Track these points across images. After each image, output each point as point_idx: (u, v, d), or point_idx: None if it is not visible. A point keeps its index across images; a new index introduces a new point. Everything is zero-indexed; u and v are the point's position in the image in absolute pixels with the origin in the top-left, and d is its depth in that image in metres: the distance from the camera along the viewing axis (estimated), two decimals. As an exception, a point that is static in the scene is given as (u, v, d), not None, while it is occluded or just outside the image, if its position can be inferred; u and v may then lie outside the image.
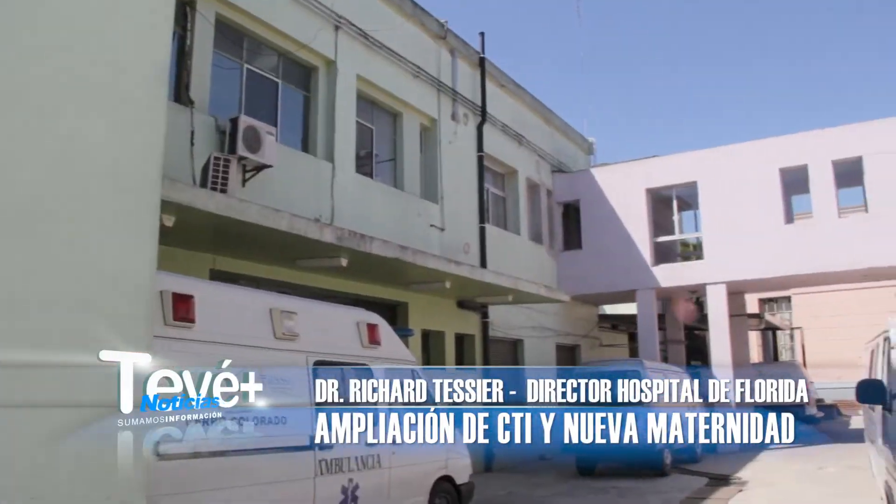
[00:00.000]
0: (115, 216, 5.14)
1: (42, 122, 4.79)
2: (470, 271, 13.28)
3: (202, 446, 5.92)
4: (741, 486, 13.42)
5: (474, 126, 17.70)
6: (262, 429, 6.46)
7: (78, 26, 5.06)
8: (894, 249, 17.94)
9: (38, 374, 4.64)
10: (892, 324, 7.30)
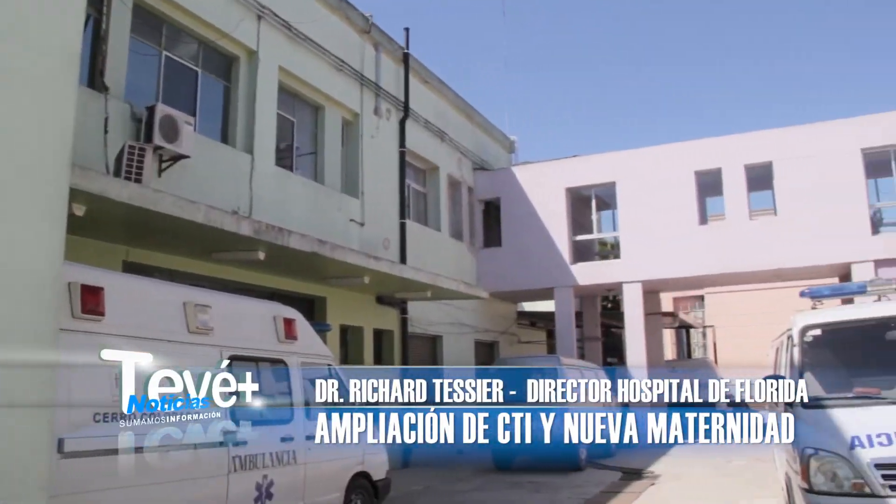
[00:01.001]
0: (18, 204, 4.95)
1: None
2: (389, 267, 13.23)
3: (108, 443, 5.75)
4: (653, 480, 13.71)
5: (397, 121, 17.65)
6: (174, 425, 6.31)
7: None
8: (801, 251, 18.64)
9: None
10: (794, 322, 7.57)
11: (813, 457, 6.27)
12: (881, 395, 6.60)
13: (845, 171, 18.51)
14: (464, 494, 12.57)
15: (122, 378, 5.89)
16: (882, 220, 20.02)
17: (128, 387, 5.94)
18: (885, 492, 5.90)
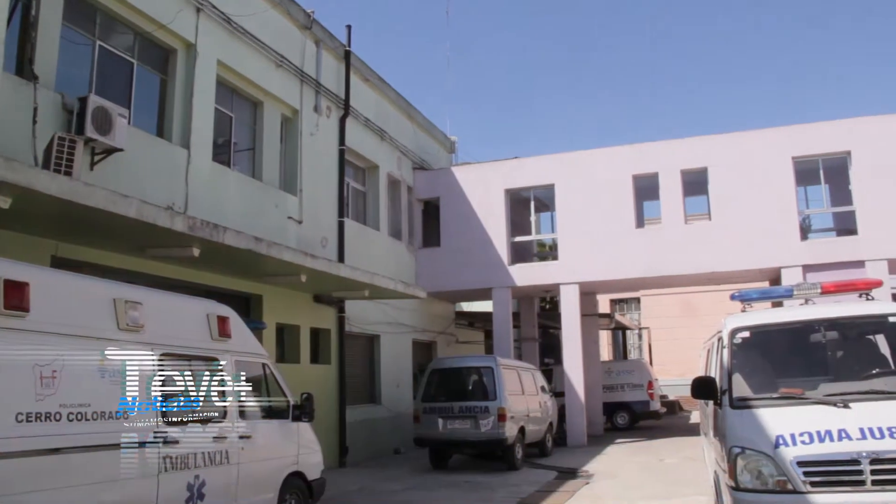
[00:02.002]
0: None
1: None
2: (326, 265, 13.11)
3: (32, 444, 5.59)
4: (588, 479, 13.89)
5: (337, 119, 17.54)
6: (100, 424, 6.17)
7: None
8: (734, 256, 19.09)
9: None
10: (724, 325, 7.76)
11: (739, 455, 6.43)
12: (805, 395, 6.79)
13: (777, 178, 19.03)
14: (399, 494, 12.56)
15: (48, 376, 5.75)
16: (811, 227, 20.64)
17: (54, 385, 5.80)
18: (805, 488, 6.08)
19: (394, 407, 18.78)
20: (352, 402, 17.00)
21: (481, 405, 15.16)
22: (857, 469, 6.00)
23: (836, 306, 8.06)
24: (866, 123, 19.00)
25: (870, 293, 8.10)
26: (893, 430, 6.09)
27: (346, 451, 16.28)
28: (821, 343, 7.51)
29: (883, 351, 7.70)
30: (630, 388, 24.96)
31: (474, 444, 15.45)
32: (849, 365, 7.43)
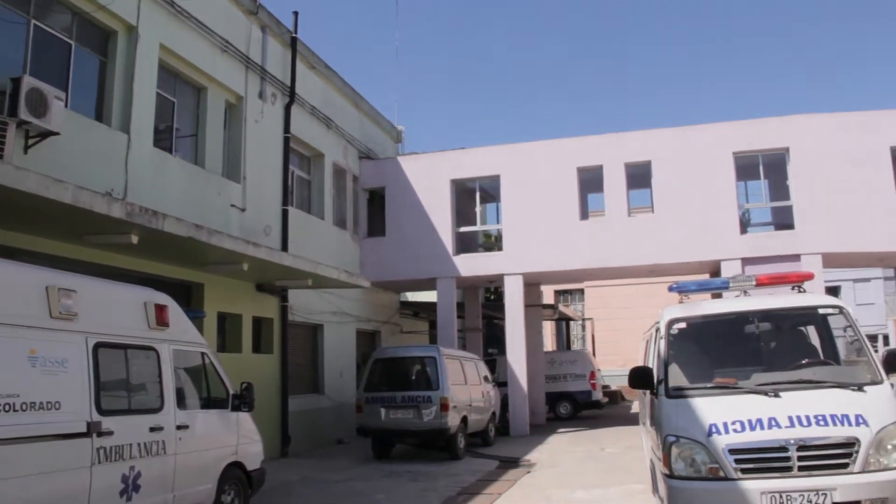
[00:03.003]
0: None
1: None
2: (268, 254, 12.96)
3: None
4: (529, 468, 14.03)
5: (282, 106, 17.35)
6: (30, 415, 6.02)
7: None
8: (675, 248, 19.43)
9: None
10: (662, 316, 7.89)
11: (674, 444, 6.56)
12: (738, 384, 6.96)
13: (718, 172, 19.41)
14: (341, 484, 12.52)
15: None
16: (750, 221, 21.08)
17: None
18: (736, 475, 6.25)
19: (337, 396, 18.72)
20: (294, 392, 16.89)
21: (424, 395, 15.19)
22: (786, 456, 6.19)
23: (769, 298, 8.27)
24: (804, 121, 19.49)
25: (802, 286, 8.32)
26: (820, 418, 6.29)
27: (288, 441, 16.18)
28: (754, 334, 7.71)
29: (813, 341, 7.95)
30: (573, 378, 25.24)
31: (417, 433, 15.48)
32: (780, 355, 7.63)
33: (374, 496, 11.33)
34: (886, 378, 6.86)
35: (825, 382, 6.85)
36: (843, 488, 6.05)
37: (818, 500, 6.05)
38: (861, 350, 7.19)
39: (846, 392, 6.63)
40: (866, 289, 48.43)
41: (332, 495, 11.49)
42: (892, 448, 6.22)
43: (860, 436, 6.19)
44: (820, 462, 6.17)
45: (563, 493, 11.15)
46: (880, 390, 6.70)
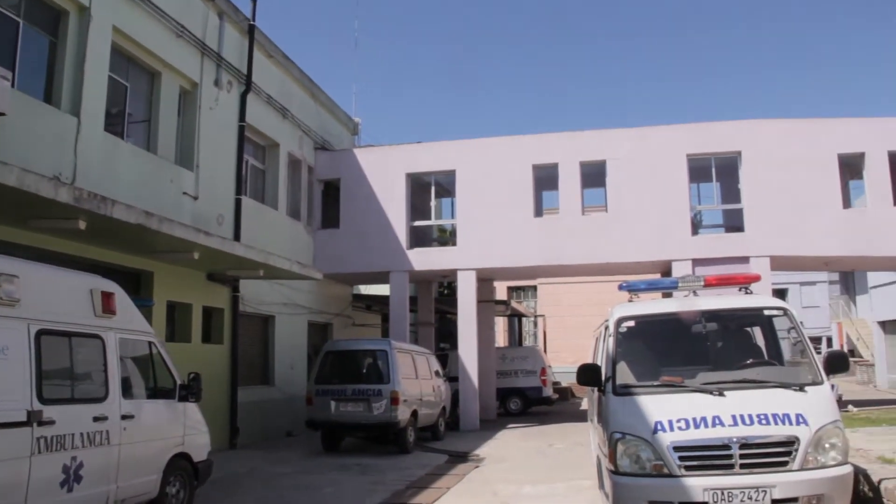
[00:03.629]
0: None
1: None
2: (220, 243, 12.78)
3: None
4: (478, 463, 14.07)
5: (238, 94, 17.14)
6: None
7: None
8: (628, 247, 19.65)
9: None
10: (611, 314, 7.97)
11: (620, 440, 6.64)
12: (684, 383, 7.06)
13: (672, 174, 19.66)
14: (289, 477, 12.44)
15: None
16: (701, 223, 21.38)
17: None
18: (680, 472, 6.35)
19: (287, 389, 18.58)
20: (244, 383, 16.74)
21: (374, 388, 15.15)
22: (728, 454, 6.31)
23: (716, 299, 8.40)
24: (756, 126, 19.83)
25: (749, 287, 8.45)
26: (762, 418, 6.42)
27: (236, 432, 16.04)
28: (701, 333, 7.82)
29: (758, 342, 8.09)
30: (524, 374, 25.37)
31: (367, 427, 15.44)
32: (726, 355, 7.75)
33: (322, 489, 11.28)
34: (827, 379, 7.02)
35: (768, 382, 6.98)
36: (782, 485, 6.19)
37: (758, 497, 6.17)
38: (804, 351, 7.34)
39: (788, 392, 6.77)
40: (812, 292, 49.46)
41: (279, 488, 11.41)
42: (830, 447, 6.38)
43: (800, 435, 6.34)
44: (761, 460, 6.31)
45: (511, 487, 11.20)
46: (820, 391, 6.86)
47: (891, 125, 19.20)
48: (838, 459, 6.40)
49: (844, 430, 6.65)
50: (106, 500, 7.40)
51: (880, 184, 19.09)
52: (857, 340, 41.15)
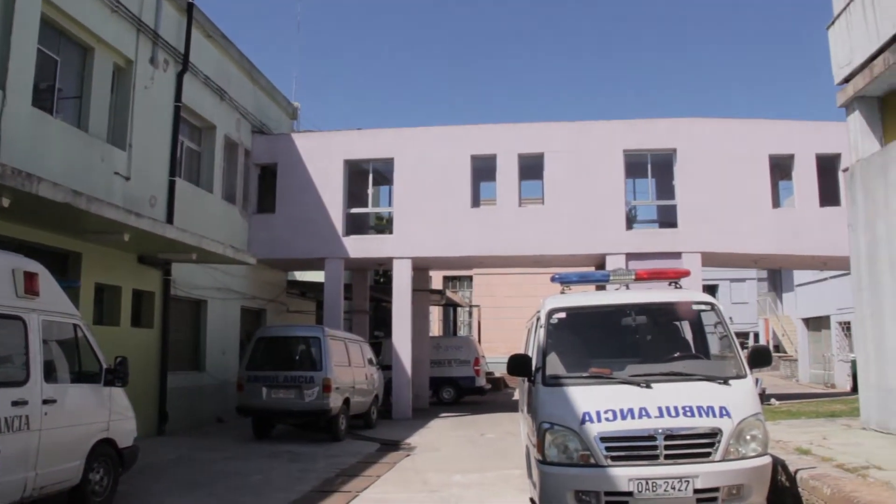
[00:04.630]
0: None
1: None
2: (151, 225, 12.50)
3: None
4: (409, 451, 14.11)
5: (174, 74, 16.77)
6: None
7: None
8: (563, 240, 19.89)
9: None
10: (543, 305, 8.05)
11: (548, 431, 6.72)
12: (612, 375, 7.17)
13: (608, 168, 19.95)
14: (218, 464, 12.28)
15: None
16: (636, 217, 21.75)
17: None
18: (606, 462, 6.46)
19: (219, 375, 18.33)
20: (174, 369, 16.45)
21: (306, 375, 15.05)
22: (653, 444, 6.44)
23: (646, 293, 8.55)
24: (692, 124, 20.23)
25: (678, 282, 8.63)
26: (687, 410, 6.56)
27: (165, 418, 15.77)
28: (630, 326, 7.95)
29: (685, 335, 8.26)
30: (457, 363, 25.50)
31: (298, 414, 15.35)
32: (654, 348, 7.90)
33: (250, 476, 11.18)
34: (750, 373, 7.20)
35: (694, 375, 7.13)
36: (705, 475, 6.35)
37: (681, 487, 6.31)
38: (729, 346, 7.52)
39: (713, 385, 6.94)
40: (742, 288, 50.78)
41: (206, 474, 11.26)
42: (751, 438, 6.58)
43: (723, 426, 6.50)
44: (685, 451, 6.45)
45: (442, 476, 11.26)
46: (744, 384, 7.04)
47: (819, 129, 19.76)
48: (758, 451, 6.60)
49: (765, 423, 6.85)
50: (23, 487, 7.18)
51: (808, 185, 19.66)
52: (782, 336, 42.42)
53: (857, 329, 12.21)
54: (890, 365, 10.90)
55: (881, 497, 6.44)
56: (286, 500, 9.55)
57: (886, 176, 10.97)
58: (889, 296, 10.93)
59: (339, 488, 10.38)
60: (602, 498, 6.43)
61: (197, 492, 10.00)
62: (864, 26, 11.56)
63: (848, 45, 12.18)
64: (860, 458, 8.54)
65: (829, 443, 9.93)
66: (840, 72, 12.50)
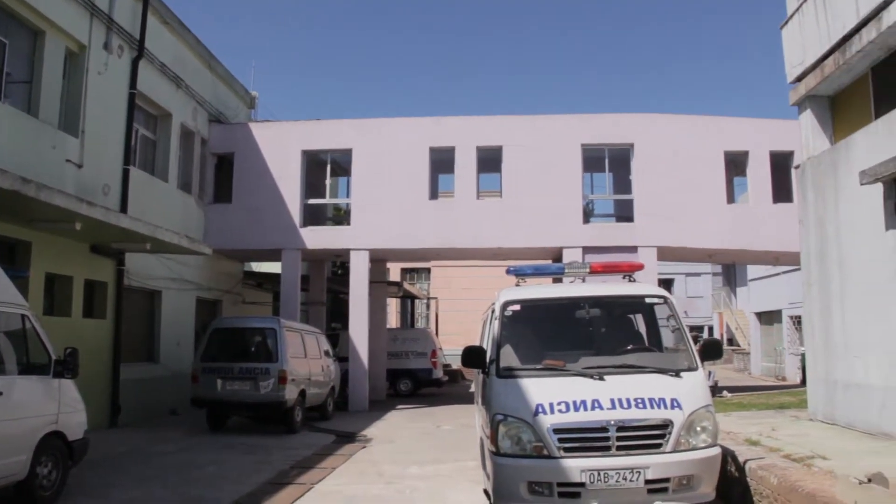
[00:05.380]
0: None
1: None
2: (104, 214, 12.29)
3: None
4: (365, 443, 14.10)
5: (129, 60, 16.46)
6: None
7: None
8: (521, 233, 19.98)
9: None
10: (497, 297, 8.08)
11: (501, 422, 6.75)
12: (566, 367, 7.21)
13: (566, 162, 20.08)
14: (170, 456, 12.15)
15: None
16: (593, 212, 21.92)
17: None
18: (559, 453, 6.51)
19: (173, 366, 18.11)
20: (127, 360, 16.21)
21: (262, 367, 14.93)
22: (605, 436, 6.50)
23: (600, 286, 8.63)
24: (650, 120, 20.44)
25: (632, 275, 8.71)
26: (639, 401, 6.64)
27: (118, 410, 15.54)
28: (584, 319, 7.98)
29: (639, 328, 8.34)
30: (414, 355, 25.52)
31: (253, 406, 15.22)
32: (608, 340, 7.95)
33: (204, 468, 11.07)
34: (701, 365, 7.30)
35: (646, 368, 7.21)
36: (655, 466, 6.44)
37: (633, 478, 6.39)
38: (681, 339, 7.61)
39: (665, 377, 7.03)
40: (697, 283, 51.48)
41: (158, 467, 11.11)
42: (701, 430, 6.68)
43: (674, 418, 6.59)
44: (636, 442, 6.53)
45: (397, 468, 11.27)
46: (695, 376, 7.14)
47: (773, 126, 20.10)
48: (708, 442, 6.71)
49: (715, 414, 6.96)
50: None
51: (761, 181, 19.99)
52: (735, 330, 43.08)
53: (807, 323, 12.45)
54: (837, 358, 11.15)
55: (824, 486, 6.59)
56: (240, 492, 9.47)
57: (836, 174, 11.19)
58: (837, 291, 11.17)
59: (293, 480, 10.34)
60: (555, 489, 6.48)
61: (148, 484, 9.87)
62: (816, 27, 11.77)
63: (800, 44, 12.41)
64: (806, 448, 8.72)
65: (778, 434, 10.12)
66: (793, 71, 12.73)
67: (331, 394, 18.27)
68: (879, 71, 11.07)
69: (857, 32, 10.64)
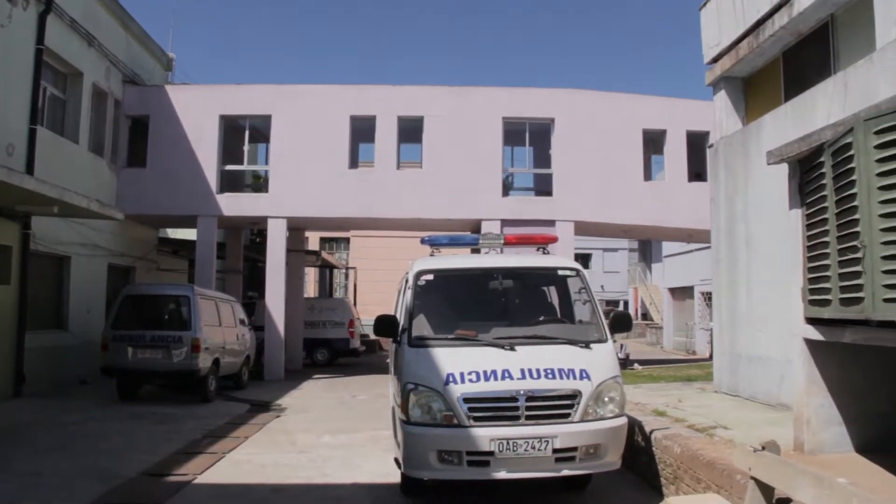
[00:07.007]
0: None
1: None
2: (7, 175, 11.74)
3: None
4: (280, 413, 14.06)
5: (35, 14, 15.71)
6: None
7: None
8: (441, 204, 20.05)
9: None
10: (411, 267, 8.08)
11: (412, 391, 6.77)
12: (477, 337, 7.26)
13: (487, 135, 20.20)
14: (77, 426, 11.81)
15: None
16: (513, 185, 22.12)
17: None
18: (469, 422, 6.56)
19: (83, 334, 17.59)
20: (33, 327, 15.65)
21: (175, 335, 14.65)
22: (515, 406, 6.59)
23: (514, 257, 8.72)
24: (571, 95, 20.67)
25: (546, 247, 8.81)
26: (548, 372, 6.74)
27: (22, 379, 15.00)
28: (498, 290, 8.04)
29: (551, 300, 8.45)
30: (332, 325, 25.44)
31: (166, 374, 14.94)
32: (520, 311, 8.03)
33: (111, 438, 10.82)
34: (611, 337, 7.45)
35: (557, 339, 7.31)
36: (563, 436, 6.55)
37: (541, 447, 6.50)
38: (593, 311, 7.74)
39: (575, 349, 7.13)
40: (614, 258, 52.61)
41: (63, 437, 10.79)
42: (609, 400, 6.83)
43: (582, 388, 6.71)
44: (545, 412, 6.63)
45: (311, 437, 11.27)
46: (604, 348, 7.28)
47: (691, 106, 20.57)
48: (615, 412, 6.86)
49: (623, 385, 7.12)
50: None
51: (678, 160, 20.48)
52: (650, 305, 44.23)
53: (715, 298, 12.84)
54: (741, 332, 11.54)
55: (723, 454, 6.85)
56: (148, 462, 9.31)
57: (747, 154, 11.51)
58: (744, 268, 11.53)
59: (204, 450, 10.24)
60: (464, 457, 6.54)
61: (52, 455, 9.57)
62: (733, 10, 12.04)
63: (717, 26, 12.68)
64: (710, 418, 9.04)
65: (684, 405, 10.46)
66: (709, 52, 13.01)
67: (246, 363, 18.08)
68: (790, 56, 11.41)
69: (770, 17, 10.94)
